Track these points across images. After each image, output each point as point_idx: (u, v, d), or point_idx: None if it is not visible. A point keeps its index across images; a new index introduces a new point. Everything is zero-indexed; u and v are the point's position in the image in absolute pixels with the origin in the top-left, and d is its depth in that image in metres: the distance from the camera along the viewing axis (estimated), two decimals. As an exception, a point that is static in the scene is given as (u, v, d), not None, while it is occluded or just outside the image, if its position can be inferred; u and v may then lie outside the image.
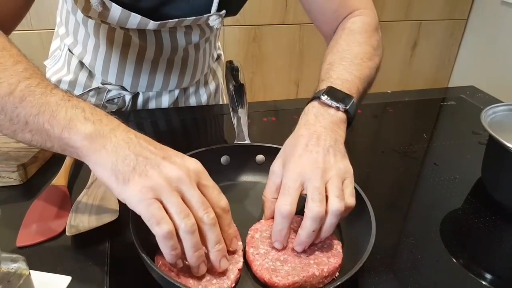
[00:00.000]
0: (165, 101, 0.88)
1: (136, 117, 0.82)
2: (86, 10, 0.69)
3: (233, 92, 0.73)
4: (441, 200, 0.62)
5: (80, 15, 0.75)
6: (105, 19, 0.69)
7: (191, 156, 0.52)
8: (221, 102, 1.00)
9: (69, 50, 0.84)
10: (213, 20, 0.70)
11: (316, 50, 1.92)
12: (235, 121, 0.68)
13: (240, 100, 0.72)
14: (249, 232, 0.49)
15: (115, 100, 0.85)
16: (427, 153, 0.74)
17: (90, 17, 0.71)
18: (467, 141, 0.78)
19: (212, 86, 0.95)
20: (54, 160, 0.63)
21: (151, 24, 0.68)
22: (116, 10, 0.65)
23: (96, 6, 0.64)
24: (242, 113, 0.70)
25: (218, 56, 0.99)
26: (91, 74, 0.83)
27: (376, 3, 0.71)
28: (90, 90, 0.83)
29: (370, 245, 0.44)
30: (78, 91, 0.84)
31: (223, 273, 0.43)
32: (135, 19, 0.67)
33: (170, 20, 0.68)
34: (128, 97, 0.85)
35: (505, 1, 1.91)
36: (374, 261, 0.48)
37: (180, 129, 0.80)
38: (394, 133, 0.82)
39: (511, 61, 1.92)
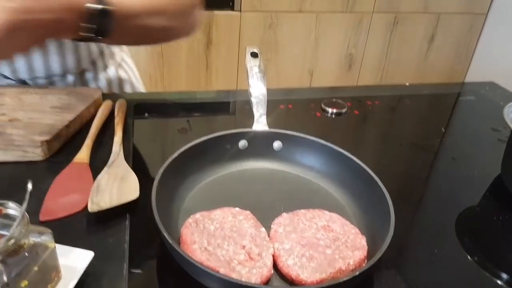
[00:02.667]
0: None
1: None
2: None
3: (253, 78, 0.73)
4: (458, 196, 0.61)
5: None
6: None
7: (210, 139, 0.53)
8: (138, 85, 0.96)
9: None
10: None
11: (332, 39, 1.90)
12: (254, 107, 0.68)
13: (259, 86, 0.72)
14: (272, 226, 0.49)
15: None
16: (445, 147, 0.73)
17: None
18: (486, 137, 0.77)
19: (111, 71, 0.90)
20: (77, 138, 0.64)
21: None
22: None
23: None
24: (261, 98, 0.71)
25: None
26: None
27: None
28: None
29: (389, 238, 0.44)
30: None
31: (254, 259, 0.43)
32: None
33: None
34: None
35: (528, -4, 1.87)
36: (389, 253, 0.48)
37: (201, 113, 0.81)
38: (412, 125, 0.82)
39: (530, 58, 1.89)
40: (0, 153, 0.57)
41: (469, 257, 0.51)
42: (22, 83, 0.79)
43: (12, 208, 0.35)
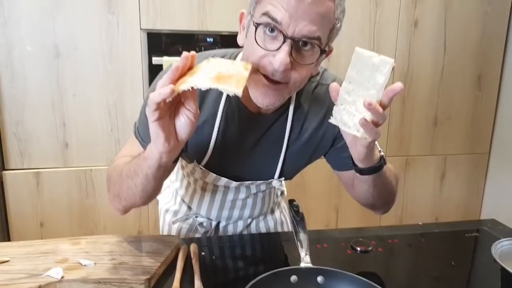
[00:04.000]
0: (240, 226, 1.13)
1: (219, 241, 1.04)
2: (192, 173, 1.01)
3: (295, 223, 0.95)
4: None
5: (187, 173, 1.07)
6: (204, 178, 1.00)
7: (269, 275, 0.72)
8: (285, 227, 1.22)
9: (176, 190, 1.16)
10: (275, 183, 1.01)
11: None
12: (299, 247, 0.89)
13: (302, 229, 0.94)
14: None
15: (204, 224, 1.11)
16: (456, 280, 0.90)
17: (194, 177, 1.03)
18: (489, 269, 0.94)
19: (277, 214, 1.21)
20: (165, 273, 0.85)
21: (233, 184, 0.98)
22: (211, 176, 0.97)
23: (199, 172, 0.97)
24: (304, 240, 0.91)
25: (282, 192, 1.26)
26: (189, 208, 1.13)
27: (403, 140, 0.97)
28: (187, 218, 1.12)
29: None
30: (179, 216, 1.14)
31: None
32: (222, 181, 0.98)
33: (246, 182, 0.98)
34: (214, 223, 1.11)
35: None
36: None
37: (254, 252, 1.01)
38: (426, 260, 0.99)
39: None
40: (116, 289, 0.78)
41: None
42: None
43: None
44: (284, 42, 0.72)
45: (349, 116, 0.72)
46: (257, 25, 0.74)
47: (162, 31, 1.88)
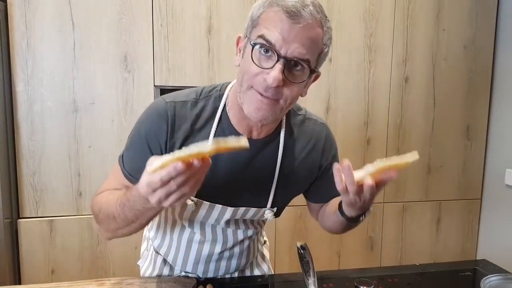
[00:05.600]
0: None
1: (228, 284, 1.12)
2: (181, 213, 1.01)
3: (303, 266, 1.05)
4: None
5: (169, 224, 1.07)
6: (193, 217, 1.00)
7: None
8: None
9: (155, 250, 1.14)
10: (267, 213, 1.02)
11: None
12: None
13: (310, 271, 1.03)
14: None
15: None
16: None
17: (181, 219, 1.03)
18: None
19: (264, 267, 1.22)
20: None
21: (228, 211, 0.98)
22: (204, 206, 0.97)
23: (191, 206, 0.96)
24: (312, 281, 1.00)
25: (265, 241, 1.30)
26: (172, 268, 1.13)
27: (399, 187, 1.07)
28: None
29: None
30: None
31: None
32: (216, 211, 0.98)
33: (240, 208, 0.99)
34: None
35: (509, 184, 2.28)
36: None
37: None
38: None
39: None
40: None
41: None
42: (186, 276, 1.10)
43: None
44: (277, 61, 0.79)
45: None
46: (253, 45, 0.82)
47: (174, 87, 2.04)
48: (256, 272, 1.21)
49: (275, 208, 1.04)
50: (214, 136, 0.93)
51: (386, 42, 2.26)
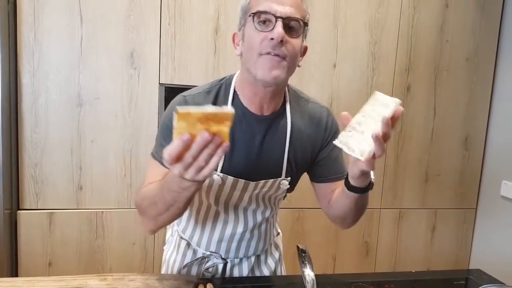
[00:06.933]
0: (245, 268, 1.22)
1: (228, 283, 1.14)
2: (208, 191, 1.09)
3: (302, 267, 1.07)
4: None
5: (195, 207, 1.17)
6: (219, 195, 1.09)
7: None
8: (283, 268, 1.33)
9: (180, 236, 1.24)
10: (283, 183, 1.11)
11: (349, 230, 2.28)
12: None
13: (309, 275, 1.05)
14: None
15: (210, 270, 1.20)
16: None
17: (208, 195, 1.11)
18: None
19: (276, 255, 1.32)
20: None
21: (250, 186, 1.07)
22: (229, 181, 1.06)
23: (218, 180, 1.05)
24: (311, 281, 1.03)
25: (278, 233, 1.38)
26: (194, 252, 1.21)
27: (396, 194, 1.10)
28: (194, 261, 1.20)
29: None
30: (186, 262, 1.21)
31: None
32: (239, 185, 1.07)
33: (259, 181, 1.07)
34: (220, 266, 1.20)
35: (504, 196, 2.31)
36: None
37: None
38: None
39: (521, 246, 2.21)
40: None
41: None
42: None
43: None
44: (276, 21, 0.93)
45: (355, 143, 0.86)
46: (253, 15, 0.94)
47: (179, 85, 2.06)
48: (269, 260, 1.28)
49: (289, 178, 1.12)
50: None
51: (390, 50, 2.29)
